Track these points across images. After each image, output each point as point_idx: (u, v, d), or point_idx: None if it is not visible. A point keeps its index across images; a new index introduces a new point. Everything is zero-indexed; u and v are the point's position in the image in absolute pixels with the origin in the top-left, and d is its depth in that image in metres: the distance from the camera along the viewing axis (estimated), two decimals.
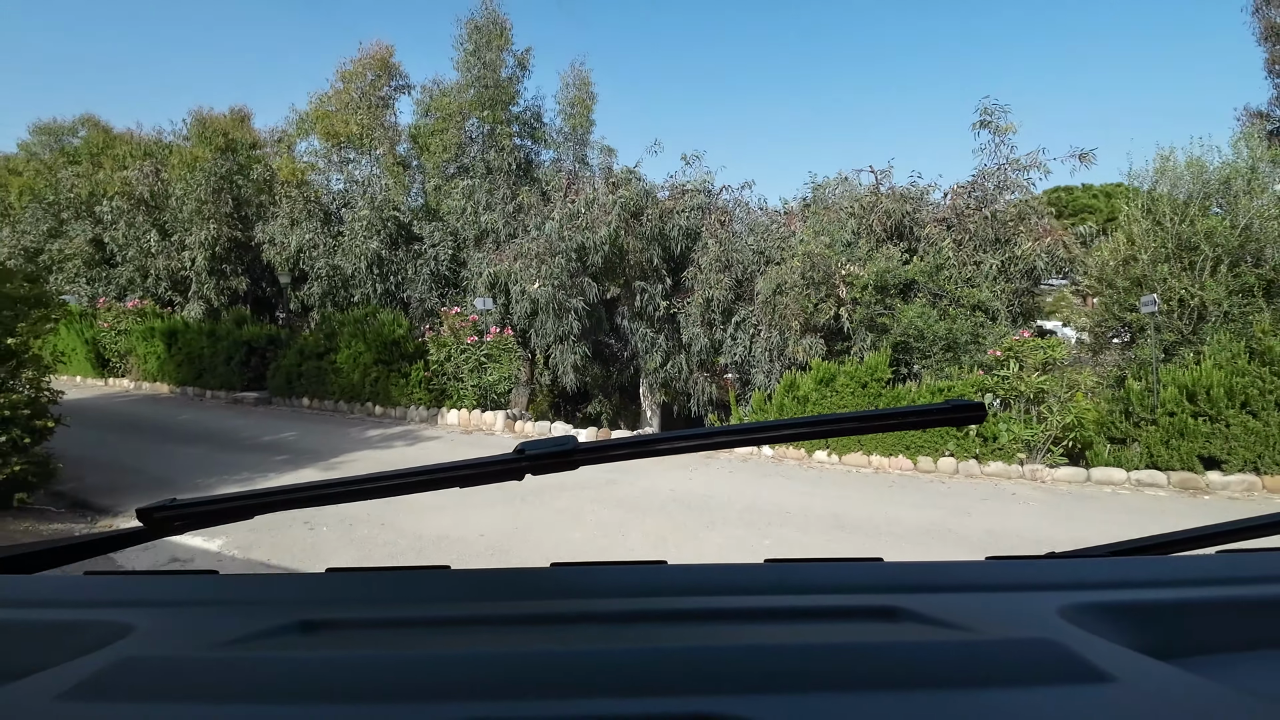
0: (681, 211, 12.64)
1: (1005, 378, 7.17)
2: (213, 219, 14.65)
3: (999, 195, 8.87)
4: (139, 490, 6.32)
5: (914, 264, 8.58)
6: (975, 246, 8.65)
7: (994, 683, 0.42)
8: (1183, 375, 6.67)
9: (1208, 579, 0.63)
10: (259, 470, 7.33)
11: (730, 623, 0.55)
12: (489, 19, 13.95)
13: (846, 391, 8.04)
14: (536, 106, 15.00)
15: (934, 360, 8.01)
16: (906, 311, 8.12)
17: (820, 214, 10.07)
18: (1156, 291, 7.96)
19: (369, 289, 14.05)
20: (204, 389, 13.01)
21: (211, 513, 0.63)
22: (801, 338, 9.63)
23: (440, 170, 14.12)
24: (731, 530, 5.46)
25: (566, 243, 11.84)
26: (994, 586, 0.62)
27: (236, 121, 17.07)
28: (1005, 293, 8.45)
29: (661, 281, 13.15)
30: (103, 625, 0.54)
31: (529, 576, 0.66)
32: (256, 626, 0.53)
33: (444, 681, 0.43)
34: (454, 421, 10.30)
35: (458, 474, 0.63)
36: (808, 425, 0.71)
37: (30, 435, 5.27)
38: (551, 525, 5.49)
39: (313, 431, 9.75)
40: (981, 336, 7.88)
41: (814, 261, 9.01)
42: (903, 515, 5.82)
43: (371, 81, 14.52)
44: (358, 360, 11.15)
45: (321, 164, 14.93)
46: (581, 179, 13.94)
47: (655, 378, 13.76)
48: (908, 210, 9.32)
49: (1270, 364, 6.27)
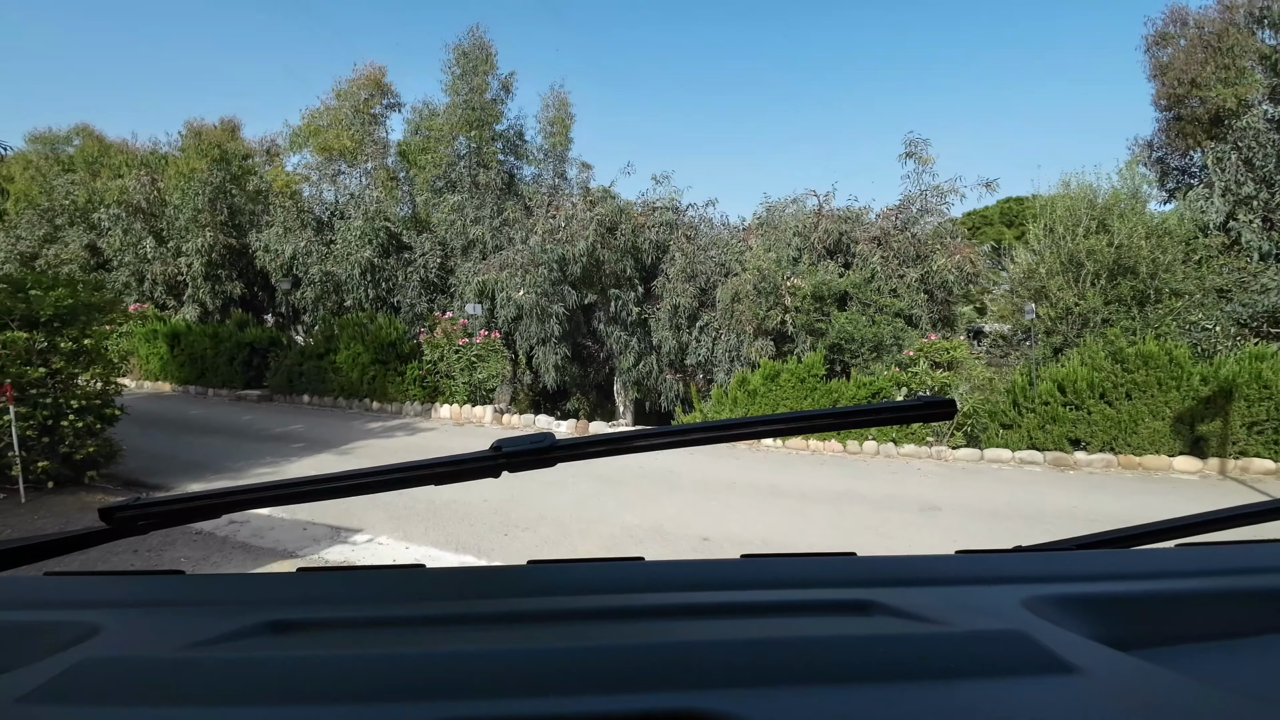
0: (652, 227, 13.93)
1: (916, 374, 8.59)
2: (209, 227, 15.50)
3: (921, 218, 10.32)
4: (179, 472, 7.33)
5: (847, 277, 10.00)
6: (900, 262, 10.09)
7: (963, 674, 0.43)
8: (1057, 371, 8.16)
9: (1169, 572, 0.64)
10: (282, 456, 8.39)
11: (707, 618, 0.55)
12: (476, 45, 15.09)
13: (789, 386, 9.40)
14: (519, 125, 16.20)
15: (862, 359, 9.42)
16: (839, 318, 9.53)
17: (770, 232, 11.45)
18: (1053, 300, 9.48)
19: (361, 294, 15.02)
20: (206, 387, 13.90)
21: (177, 511, 0.61)
22: (754, 340, 10.98)
23: (430, 185, 15.19)
24: (687, 496, 6.73)
25: (548, 254, 13.03)
26: (963, 580, 0.64)
27: (227, 132, 17.91)
28: (925, 301, 9.90)
29: (634, 289, 14.41)
30: (68, 626, 0.53)
31: (505, 575, 0.66)
32: (225, 627, 0.52)
33: (417, 681, 0.42)
34: (446, 415, 11.42)
35: (434, 471, 0.62)
36: (784, 421, 0.71)
37: (101, 421, 6.31)
38: (541, 494, 6.68)
39: (319, 424, 10.79)
40: (901, 339, 9.31)
41: (764, 274, 10.37)
42: (826, 484, 7.16)
43: (365, 100, 15.53)
44: (356, 360, 12.19)
45: (315, 176, 15.87)
46: (561, 193, 15.16)
47: (628, 376, 15.00)
48: (844, 230, 10.75)
49: (1122, 362, 7.77)
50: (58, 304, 5.77)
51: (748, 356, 11.18)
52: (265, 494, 0.61)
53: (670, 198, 14.56)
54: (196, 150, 15.83)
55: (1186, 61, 11.03)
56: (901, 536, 5.47)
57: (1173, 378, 7.54)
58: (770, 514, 6.14)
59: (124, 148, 17.66)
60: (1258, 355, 7.26)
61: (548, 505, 6.36)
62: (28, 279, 5.98)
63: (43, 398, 5.78)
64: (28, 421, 5.65)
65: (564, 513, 6.12)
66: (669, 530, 5.62)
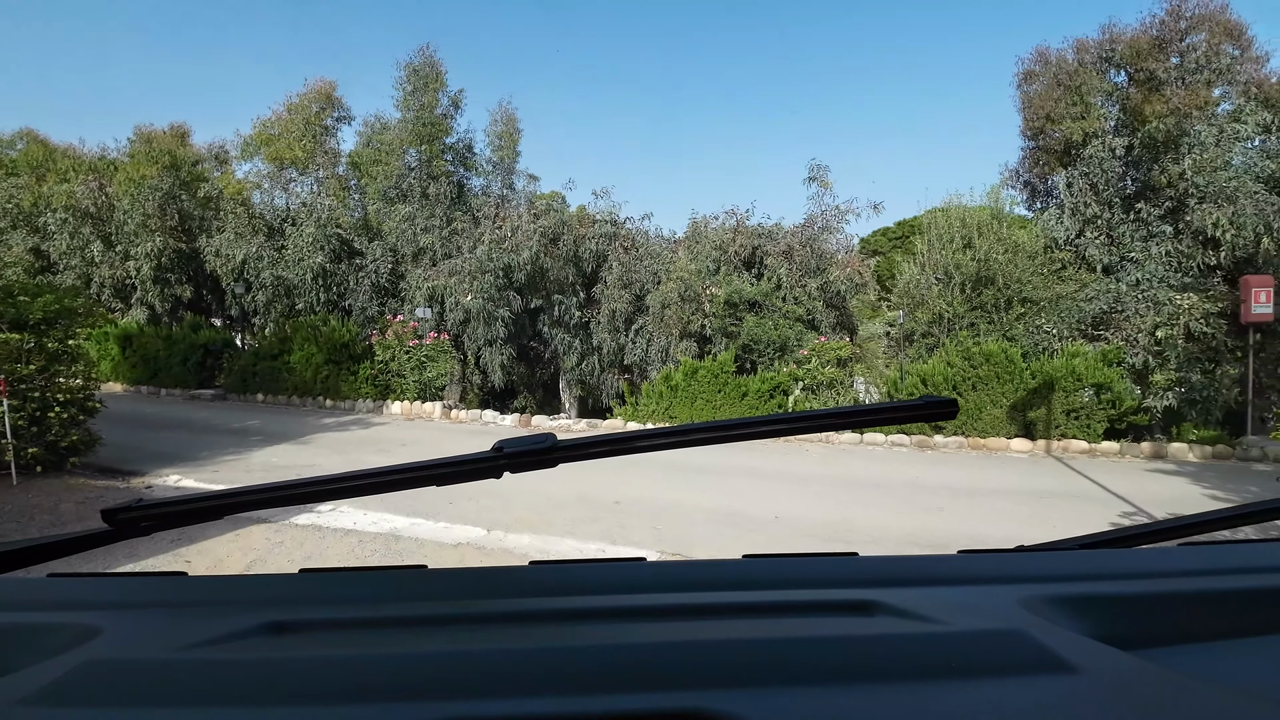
0: (592, 238, 15.10)
1: (810, 370, 10.03)
2: (159, 231, 15.89)
3: (822, 235, 11.83)
4: (148, 461, 8.09)
5: (757, 286, 11.41)
6: (803, 273, 11.55)
7: (965, 674, 0.43)
8: (921, 368, 9.71)
9: (1171, 571, 0.65)
10: (243, 447, 9.20)
11: (708, 618, 0.55)
12: (426, 63, 15.96)
13: (705, 381, 10.72)
14: (469, 139, 17.12)
15: (768, 358, 10.81)
16: (749, 322, 10.91)
17: (695, 245, 12.79)
18: (930, 306, 11.07)
19: (313, 298, 15.64)
20: (159, 388, 14.38)
21: (179, 513, 0.61)
22: (680, 342, 12.29)
23: (381, 194, 15.98)
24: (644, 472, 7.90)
25: (495, 262, 14.05)
26: (965, 579, 0.64)
27: (176, 138, 18.24)
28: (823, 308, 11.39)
29: (576, 295, 15.55)
30: (69, 628, 0.53)
31: (506, 575, 0.66)
32: (226, 628, 0.52)
33: (418, 681, 0.42)
34: (397, 411, 12.33)
35: (436, 472, 0.62)
36: (785, 421, 0.72)
37: (83, 413, 7.09)
38: (547, 476, 7.73)
39: (274, 420, 11.54)
40: (801, 341, 10.74)
41: (687, 283, 11.68)
42: (729, 463, 8.47)
43: (316, 112, 16.21)
44: (310, 360, 12.96)
45: (266, 184, 16.45)
46: (509, 204, 16.18)
47: (572, 375, 16.13)
48: (758, 244, 12.17)
49: (970, 360, 9.36)
50: (45, 309, 6.56)
51: (675, 356, 12.47)
52: (268, 495, 0.61)
53: (609, 211, 15.78)
54: (147, 156, 16.19)
55: (1045, 97, 12.85)
56: (777, 498, 6.81)
57: (1009, 373, 9.16)
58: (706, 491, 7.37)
59: (71, 153, 17.78)
60: (1073, 353, 8.92)
61: (548, 485, 6.64)
62: (15, 286, 6.74)
63: (31, 392, 6.55)
64: (19, 413, 6.42)
65: (565, 493, 6.59)
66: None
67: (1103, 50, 12.77)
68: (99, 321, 7.34)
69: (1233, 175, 10.57)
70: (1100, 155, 11.69)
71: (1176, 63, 11.86)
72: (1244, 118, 11.52)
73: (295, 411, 12.69)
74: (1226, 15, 12.20)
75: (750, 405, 10.45)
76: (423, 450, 9.42)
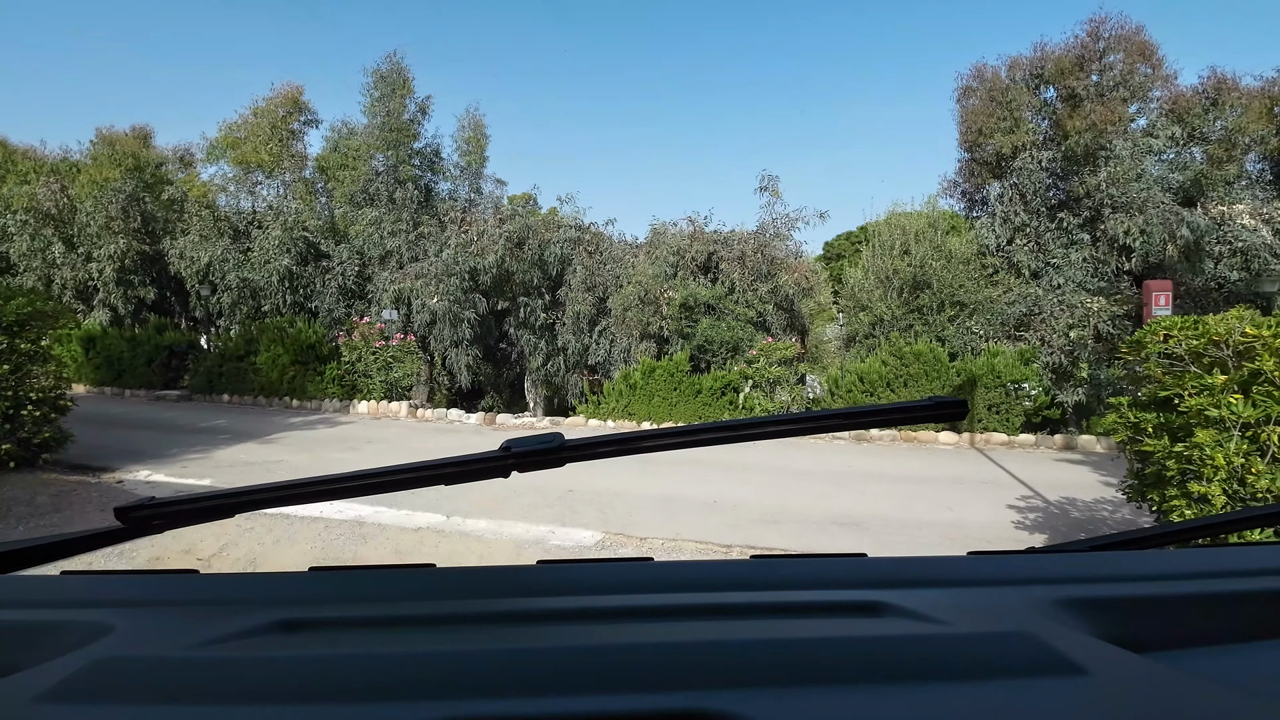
0: (557, 242, 15.57)
1: (758, 368, 10.68)
2: (122, 234, 15.91)
3: (773, 241, 12.52)
4: (118, 458, 8.36)
5: (712, 289, 12.05)
6: (754, 277, 12.22)
7: (974, 676, 0.43)
8: (859, 366, 10.43)
9: (1181, 573, 0.64)
10: (210, 445, 9.48)
11: (716, 618, 0.55)
12: (394, 70, 16.27)
13: (661, 380, 11.29)
14: (436, 144, 17.46)
15: (721, 357, 11.45)
16: (704, 324, 11.54)
17: (654, 250, 13.38)
18: (872, 309, 11.80)
19: (279, 300, 15.81)
20: (123, 389, 14.45)
21: (191, 511, 0.62)
22: (640, 343, 12.85)
23: (348, 198, 16.24)
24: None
25: (461, 266, 14.44)
26: (974, 581, 0.64)
27: (139, 140, 18.24)
28: (773, 310, 12.07)
29: (541, 297, 16.00)
30: (82, 625, 0.54)
31: (514, 574, 0.67)
32: (237, 626, 0.53)
33: (427, 680, 0.43)
34: (364, 410, 12.66)
35: (443, 471, 0.62)
36: (793, 422, 0.72)
37: (55, 411, 7.36)
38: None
39: (241, 419, 11.78)
40: (752, 341, 11.40)
41: (646, 287, 12.26)
42: (673, 455, 9.04)
43: (282, 116, 16.40)
44: (276, 361, 13.20)
45: (232, 187, 16.58)
46: (476, 208, 16.56)
47: (538, 375, 16.56)
48: (714, 249, 12.81)
49: (901, 359, 10.10)
50: (19, 311, 6.84)
51: (635, 356, 13.03)
52: (277, 494, 0.62)
53: (574, 216, 16.29)
54: (110, 159, 16.20)
55: (980, 112, 13.72)
56: (719, 485, 7.40)
57: (936, 371, 9.92)
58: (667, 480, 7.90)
59: (31, 154, 17.64)
60: (993, 353, 9.72)
61: (561, 472, 7.80)
62: None
63: (5, 391, 6.82)
64: None
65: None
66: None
67: (1033, 68, 13.69)
68: (70, 323, 7.55)
69: (1144, 186, 11.53)
70: (1029, 167, 12.58)
71: (1096, 81, 12.81)
72: (1156, 132, 12.53)
73: (262, 411, 12.92)
74: (1141, 36, 13.19)
75: (704, 402, 11.05)
76: (389, 447, 9.80)
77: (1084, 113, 12.21)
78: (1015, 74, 13.86)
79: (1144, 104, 13.06)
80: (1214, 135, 12.61)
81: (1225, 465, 3.38)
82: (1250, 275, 11.15)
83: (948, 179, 14.28)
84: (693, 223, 13.36)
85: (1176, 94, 13.11)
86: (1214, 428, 3.43)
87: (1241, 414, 3.35)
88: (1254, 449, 3.42)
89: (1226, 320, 3.52)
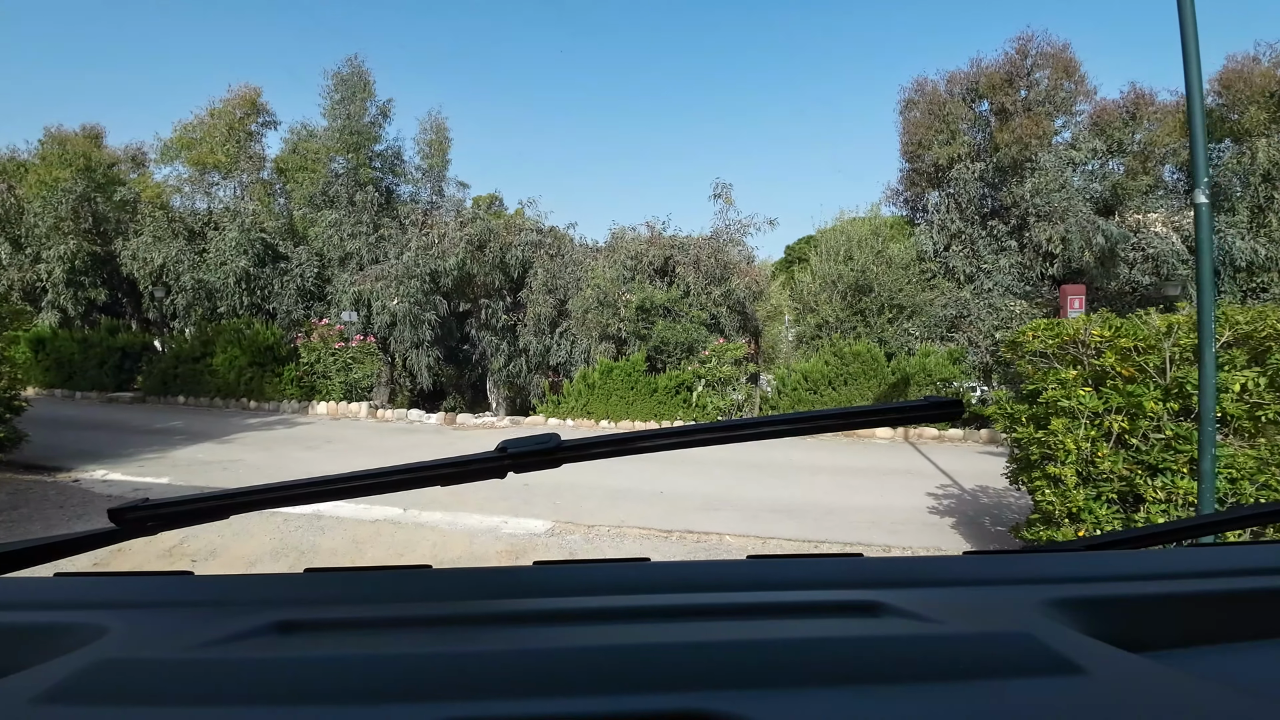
0: (518, 245, 15.85)
1: (710, 368, 11.19)
2: (72, 234, 15.64)
3: (726, 246, 13.08)
4: (73, 458, 8.38)
5: (667, 293, 12.53)
6: (708, 281, 12.75)
7: (971, 676, 0.43)
8: (804, 365, 11.02)
9: (1178, 573, 0.65)
10: (167, 445, 9.54)
11: (713, 619, 0.55)
12: (354, 73, 16.32)
13: (619, 379, 11.71)
14: (398, 147, 17.56)
15: (676, 358, 11.93)
16: (659, 326, 12.01)
17: (613, 254, 13.80)
18: (819, 312, 12.42)
19: (235, 301, 15.70)
20: (74, 391, 14.24)
21: (186, 513, 0.61)
22: (600, 344, 13.25)
23: (308, 200, 16.25)
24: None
25: (421, 268, 14.61)
26: (971, 581, 0.64)
27: (90, 140, 17.89)
28: (726, 313, 12.62)
29: (503, 299, 16.25)
30: (77, 627, 0.54)
31: (511, 575, 0.67)
32: (233, 628, 0.52)
33: (424, 681, 0.43)
34: (323, 411, 12.76)
35: (440, 472, 0.62)
36: (790, 422, 0.72)
37: (10, 411, 7.42)
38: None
39: (197, 420, 11.80)
40: (705, 342, 11.92)
41: (604, 290, 12.67)
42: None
43: (240, 118, 16.32)
44: (233, 363, 13.21)
45: (187, 188, 16.43)
46: (439, 210, 16.72)
47: (499, 376, 16.80)
48: (670, 254, 13.29)
49: (841, 358, 10.72)
50: None
51: (595, 357, 13.42)
52: (272, 495, 0.62)
53: (535, 220, 16.60)
54: (60, 158, 15.90)
55: (919, 124, 14.51)
56: (669, 478, 7.83)
57: (874, 370, 10.56)
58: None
59: None
60: (925, 353, 10.41)
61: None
62: None
63: None
64: None
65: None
66: None
67: (969, 82, 14.54)
68: (27, 325, 7.54)
69: (1066, 196, 12.41)
70: (964, 177, 13.39)
71: (1024, 96, 13.70)
72: (1080, 145, 13.47)
73: (218, 413, 12.92)
74: (1067, 54, 14.14)
75: (659, 400, 11.51)
76: (349, 446, 9.99)
77: (1013, 126, 13.07)
78: (953, 88, 14.70)
79: (1069, 118, 14.01)
80: (1132, 148, 13.62)
81: (1075, 450, 3.95)
82: (1160, 279, 12.11)
83: (891, 187, 15.05)
84: (651, 228, 13.84)
85: (1099, 108, 14.11)
86: (1066, 416, 3.99)
87: (1088, 404, 3.92)
88: (1101, 435, 4.00)
89: (1076, 323, 4.09)
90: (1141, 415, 3.84)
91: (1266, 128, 12.85)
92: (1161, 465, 3.84)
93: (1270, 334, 3.87)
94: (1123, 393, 3.90)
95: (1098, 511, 3.93)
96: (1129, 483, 3.89)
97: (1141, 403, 3.79)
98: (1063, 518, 4.04)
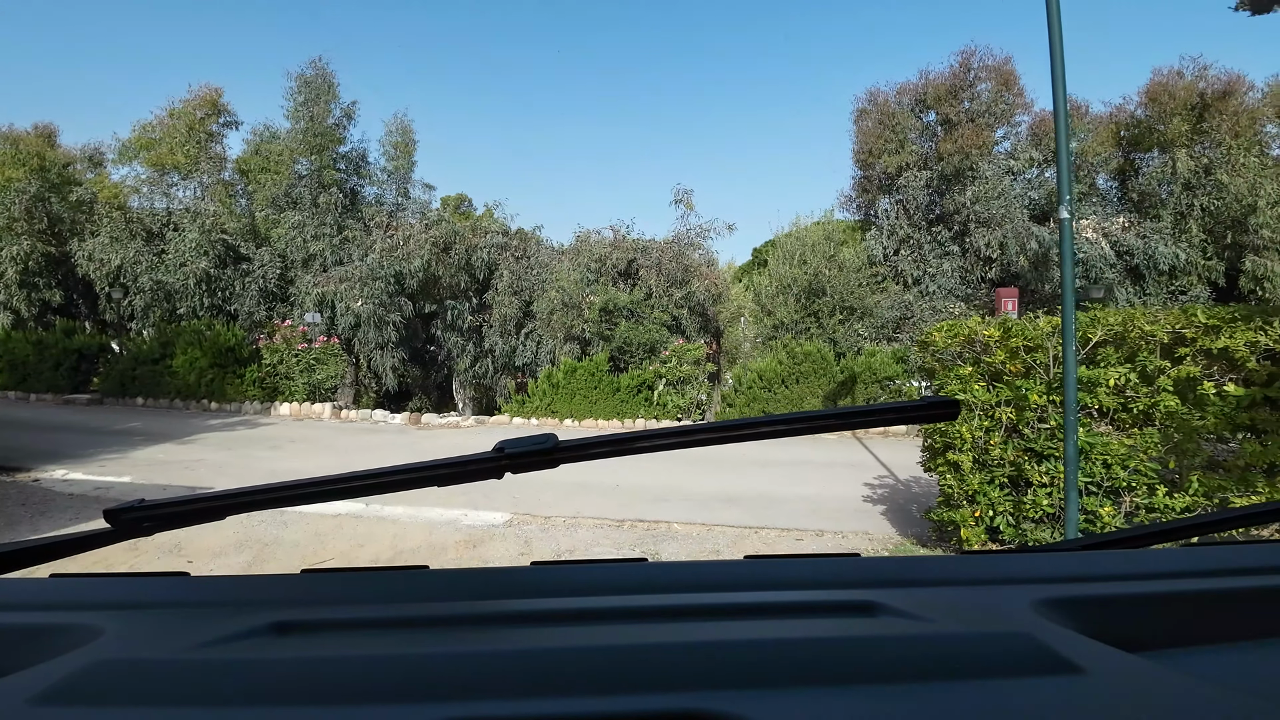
0: (484, 247, 16.06)
1: (671, 367, 11.62)
2: (26, 235, 15.34)
3: (687, 250, 13.54)
4: (33, 458, 8.38)
5: (630, 295, 12.94)
6: (670, 284, 13.18)
7: (968, 675, 0.43)
8: (760, 365, 11.52)
9: (1175, 572, 0.65)
10: (126, 446, 9.57)
11: (710, 619, 0.55)
12: (318, 74, 16.31)
13: (582, 379, 12.05)
14: (362, 148, 17.58)
15: (639, 358, 12.33)
16: (622, 327, 12.40)
17: (578, 257, 14.14)
18: (775, 314, 12.93)
19: (195, 303, 15.52)
20: (28, 393, 14.02)
21: (181, 513, 0.61)
22: (564, 345, 13.57)
23: (270, 201, 16.20)
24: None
25: (386, 270, 14.73)
26: (968, 580, 0.64)
27: (43, 139, 17.54)
28: (687, 315, 13.08)
29: (469, 300, 16.44)
30: (73, 629, 0.54)
31: (508, 575, 0.67)
32: (229, 629, 0.52)
33: (421, 682, 0.43)
34: (286, 412, 12.82)
35: (437, 473, 0.62)
36: (788, 422, 0.72)
37: None
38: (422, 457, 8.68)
39: (157, 422, 11.76)
40: (666, 343, 12.35)
41: (569, 292, 13.00)
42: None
43: (201, 118, 16.19)
44: (194, 364, 13.17)
45: (146, 189, 16.24)
46: (404, 212, 16.82)
47: (465, 377, 16.98)
48: (634, 257, 13.69)
49: (794, 358, 11.24)
50: None
51: (560, 358, 13.74)
52: (270, 495, 0.62)
53: (501, 222, 16.83)
54: (13, 158, 15.58)
55: (871, 133, 15.16)
56: (620, 472, 8.19)
57: (823, 369, 11.10)
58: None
59: None
60: (871, 353, 11.00)
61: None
62: None
63: None
64: None
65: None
66: None
67: (918, 93, 15.24)
68: None
69: (1004, 204, 13.15)
70: (912, 185, 14.06)
71: (967, 107, 14.44)
72: (1018, 154, 14.25)
73: (179, 414, 12.88)
74: (1008, 66, 14.94)
75: (621, 399, 11.88)
76: (313, 446, 10.12)
77: (956, 136, 13.78)
78: (903, 99, 15.39)
79: (1010, 128, 14.80)
80: None
81: (971, 439, 4.44)
82: (1089, 283, 12.93)
83: (844, 194, 15.68)
84: (615, 231, 14.22)
85: (1038, 119, 14.93)
86: (964, 409, 4.48)
87: (980, 398, 4.41)
88: (994, 425, 4.49)
89: (969, 324, 4.58)
90: (1027, 407, 4.34)
91: (1188, 139, 13.79)
92: (1046, 452, 4.35)
93: (1138, 334, 4.40)
94: (1012, 387, 4.40)
95: (990, 494, 4.42)
96: (1018, 468, 4.39)
97: (1026, 395, 4.29)
98: (961, 499, 4.53)
